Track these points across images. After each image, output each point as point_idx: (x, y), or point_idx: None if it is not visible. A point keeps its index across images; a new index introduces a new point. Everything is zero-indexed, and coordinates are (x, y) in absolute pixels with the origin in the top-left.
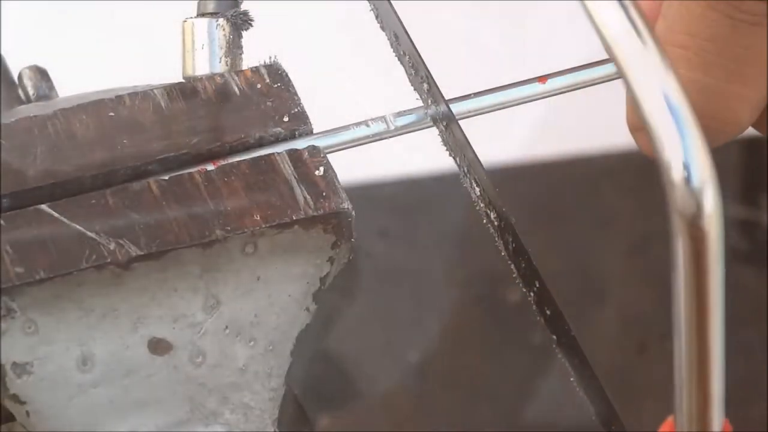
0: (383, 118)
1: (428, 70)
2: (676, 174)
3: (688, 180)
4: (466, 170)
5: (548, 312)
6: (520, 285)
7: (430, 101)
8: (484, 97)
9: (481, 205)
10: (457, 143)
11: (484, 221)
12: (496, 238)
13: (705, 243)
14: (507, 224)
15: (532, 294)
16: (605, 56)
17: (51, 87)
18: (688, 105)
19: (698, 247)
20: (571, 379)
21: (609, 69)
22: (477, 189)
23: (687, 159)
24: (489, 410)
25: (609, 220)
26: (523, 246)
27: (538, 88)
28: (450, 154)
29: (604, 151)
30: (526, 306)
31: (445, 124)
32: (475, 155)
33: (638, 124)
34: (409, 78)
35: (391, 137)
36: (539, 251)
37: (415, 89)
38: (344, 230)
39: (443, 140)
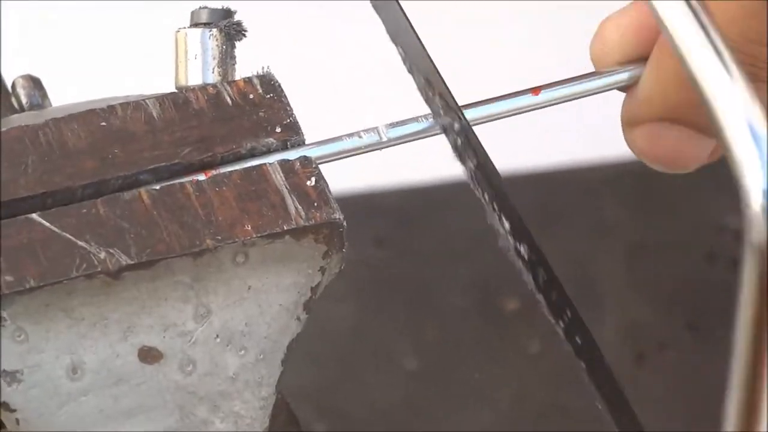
0: (375, 129)
1: (446, 85)
2: (755, 202)
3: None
4: (495, 206)
5: (579, 341)
6: (550, 317)
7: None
8: (474, 108)
9: (511, 239)
10: (485, 177)
11: (512, 253)
12: (526, 273)
13: None
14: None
15: (561, 324)
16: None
17: (44, 96)
18: None
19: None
20: (598, 405)
21: (601, 81)
22: (506, 223)
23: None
24: (487, 419)
25: (607, 228)
26: (556, 278)
27: (531, 99)
28: (477, 191)
29: (603, 160)
30: (524, 315)
31: (481, 173)
32: (503, 188)
33: (634, 118)
34: (422, 94)
35: (383, 148)
36: None
37: (427, 103)
38: (335, 240)
39: (475, 183)
